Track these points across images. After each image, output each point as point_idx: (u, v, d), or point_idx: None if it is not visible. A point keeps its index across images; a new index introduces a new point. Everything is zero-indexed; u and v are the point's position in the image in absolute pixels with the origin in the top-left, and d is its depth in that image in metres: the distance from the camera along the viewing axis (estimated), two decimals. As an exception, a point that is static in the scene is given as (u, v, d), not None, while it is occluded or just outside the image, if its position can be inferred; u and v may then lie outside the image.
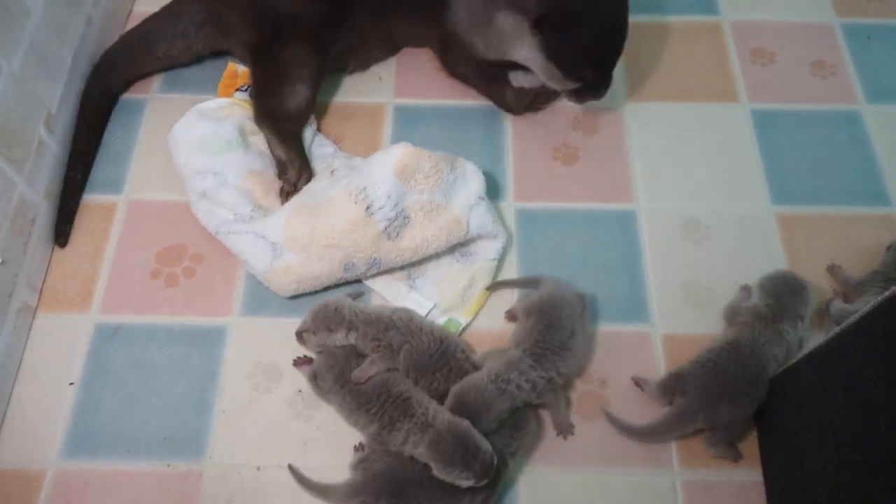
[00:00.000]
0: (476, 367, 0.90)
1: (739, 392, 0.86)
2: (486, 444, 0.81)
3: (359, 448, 0.89)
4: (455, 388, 0.87)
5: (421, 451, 0.81)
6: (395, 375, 0.89)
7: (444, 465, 0.80)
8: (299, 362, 0.95)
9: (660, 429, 0.90)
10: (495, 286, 1.02)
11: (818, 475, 0.75)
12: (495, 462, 0.81)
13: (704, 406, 0.87)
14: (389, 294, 1.01)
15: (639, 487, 0.89)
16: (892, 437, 0.63)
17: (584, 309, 0.95)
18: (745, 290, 0.99)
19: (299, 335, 0.92)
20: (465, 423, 0.82)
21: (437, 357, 0.89)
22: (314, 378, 0.91)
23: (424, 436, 0.81)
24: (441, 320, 0.99)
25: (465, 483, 0.80)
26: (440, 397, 0.87)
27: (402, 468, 0.83)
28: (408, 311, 0.94)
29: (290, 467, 0.88)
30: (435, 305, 0.99)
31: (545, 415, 0.93)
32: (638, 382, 0.94)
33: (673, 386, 0.90)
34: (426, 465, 0.82)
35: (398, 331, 0.90)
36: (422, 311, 0.98)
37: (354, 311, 0.91)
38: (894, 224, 1.08)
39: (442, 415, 0.83)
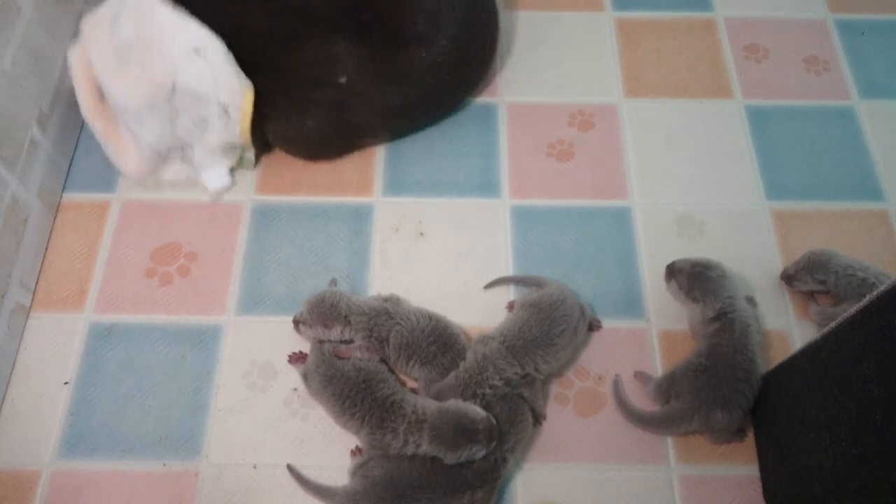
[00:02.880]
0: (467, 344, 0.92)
1: (734, 393, 0.86)
2: (479, 412, 0.82)
3: (356, 452, 0.89)
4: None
5: (425, 448, 0.82)
6: (378, 375, 0.88)
7: (451, 450, 0.81)
8: (294, 358, 0.95)
9: (654, 422, 0.91)
10: (496, 283, 1.02)
11: (814, 469, 0.75)
12: (494, 422, 0.82)
13: (699, 412, 0.87)
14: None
15: (635, 483, 0.90)
16: (888, 430, 0.63)
17: (582, 318, 0.94)
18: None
19: (296, 324, 0.93)
20: (453, 403, 0.83)
21: (428, 333, 0.90)
22: (305, 378, 0.91)
23: (423, 433, 0.82)
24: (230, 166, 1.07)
25: (478, 455, 0.81)
26: (444, 372, 0.89)
27: (401, 473, 0.83)
28: (397, 298, 0.96)
29: (290, 467, 0.88)
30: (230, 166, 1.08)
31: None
32: (639, 377, 0.95)
33: (667, 389, 0.91)
34: (424, 467, 0.82)
35: (388, 316, 0.91)
36: (223, 180, 1.07)
37: (349, 306, 0.91)
38: (887, 219, 1.09)
39: (430, 406, 0.84)
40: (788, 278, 1.01)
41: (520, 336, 0.89)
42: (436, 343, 0.90)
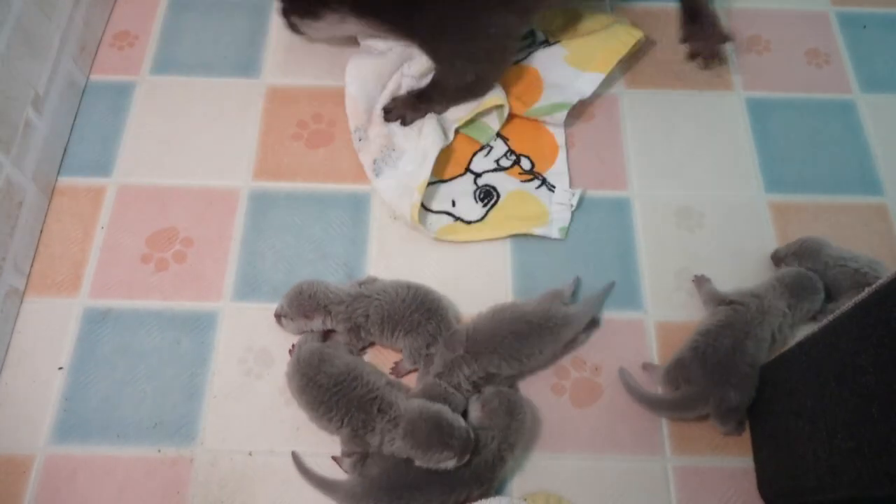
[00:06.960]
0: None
1: (745, 376, 0.87)
2: (459, 421, 0.81)
3: (336, 460, 0.87)
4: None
5: (399, 445, 0.80)
6: (353, 373, 0.85)
7: (422, 451, 0.79)
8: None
9: (668, 406, 0.91)
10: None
11: (809, 461, 0.76)
12: (472, 437, 0.80)
13: (714, 394, 0.87)
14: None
15: (631, 473, 0.90)
16: (885, 423, 0.63)
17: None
18: (703, 279, 1.00)
19: (277, 318, 0.93)
20: (436, 405, 0.82)
21: (409, 301, 0.90)
22: (287, 379, 0.90)
23: (398, 429, 0.81)
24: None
25: (448, 464, 0.79)
26: (429, 339, 0.89)
27: (398, 471, 0.82)
28: (373, 278, 0.96)
29: (294, 455, 0.88)
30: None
31: (540, 404, 0.93)
32: (647, 369, 0.95)
33: (676, 377, 0.90)
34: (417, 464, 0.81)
35: (365, 297, 0.90)
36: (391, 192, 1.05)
37: (328, 295, 0.91)
38: (886, 213, 1.09)
39: (412, 403, 0.83)
40: (778, 260, 1.01)
41: (486, 345, 0.88)
42: (418, 310, 0.90)
